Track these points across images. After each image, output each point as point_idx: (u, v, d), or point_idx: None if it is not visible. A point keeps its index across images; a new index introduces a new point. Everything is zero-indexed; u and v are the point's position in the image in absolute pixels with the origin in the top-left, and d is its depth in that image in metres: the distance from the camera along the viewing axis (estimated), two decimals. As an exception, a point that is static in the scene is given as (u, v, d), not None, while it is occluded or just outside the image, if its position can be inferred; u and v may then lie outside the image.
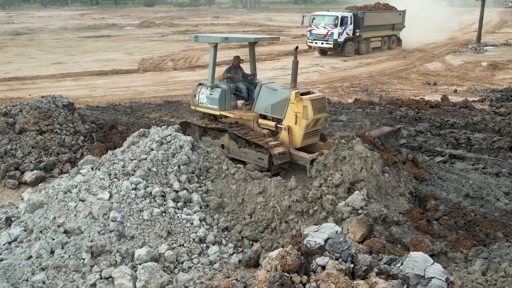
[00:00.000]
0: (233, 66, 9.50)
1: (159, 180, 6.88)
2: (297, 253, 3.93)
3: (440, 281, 3.56)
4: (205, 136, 9.33)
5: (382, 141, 7.92)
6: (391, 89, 16.87)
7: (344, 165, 6.81)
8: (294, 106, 8.09)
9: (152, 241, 6.08)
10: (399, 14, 29.81)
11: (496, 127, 10.87)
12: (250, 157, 8.51)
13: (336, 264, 3.78)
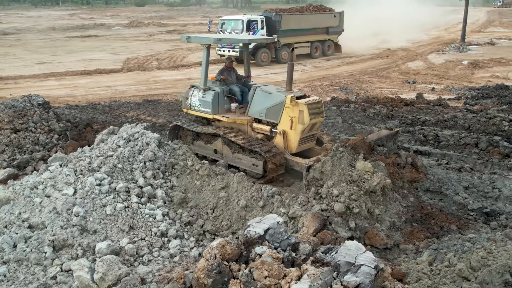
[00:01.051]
0: (226, 67, 9.23)
1: (124, 176, 7.01)
2: (236, 243, 4.10)
3: (369, 268, 3.73)
4: (197, 141, 9.05)
5: (383, 142, 7.85)
6: (370, 87, 17.09)
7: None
8: (289, 110, 7.80)
9: (114, 235, 6.22)
10: (333, 17, 26.11)
11: (466, 124, 11.11)
12: (244, 163, 8.16)
13: (273, 252, 3.95)
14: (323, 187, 6.47)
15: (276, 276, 3.69)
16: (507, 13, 74.47)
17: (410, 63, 23.39)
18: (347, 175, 6.39)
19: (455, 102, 14.65)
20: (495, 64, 23.58)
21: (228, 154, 8.43)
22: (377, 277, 3.80)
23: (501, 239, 5.68)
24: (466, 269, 4.96)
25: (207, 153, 8.87)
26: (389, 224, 6.30)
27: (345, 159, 6.59)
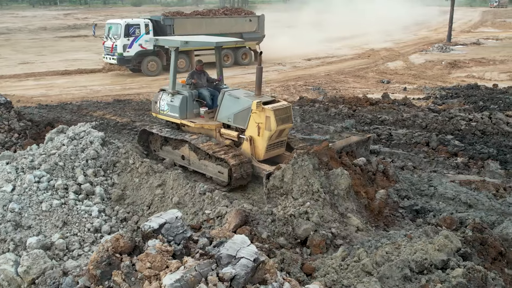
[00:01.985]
0: (196, 70, 8.97)
1: (64, 174, 7.19)
2: (130, 236, 4.27)
3: (247, 261, 3.89)
4: (165, 146, 8.75)
5: (352, 149, 7.77)
6: (344, 87, 17.27)
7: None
8: (256, 116, 7.49)
9: (48, 230, 6.40)
10: (248, 21, 23.06)
11: (423, 123, 11.28)
12: (210, 170, 7.87)
13: (163, 246, 4.12)
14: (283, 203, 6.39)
15: (158, 268, 3.86)
16: (501, 13, 74.53)
17: (390, 63, 23.55)
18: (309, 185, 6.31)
19: (424, 101, 14.81)
20: (475, 64, 23.75)
21: (194, 161, 8.13)
22: (258, 270, 3.97)
23: (418, 235, 5.84)
24: (370, 264, 5.13)
25: (175, 159, 8.50)
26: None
27: (306, 167, 6.47)
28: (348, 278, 5.04)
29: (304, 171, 6.47)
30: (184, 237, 4.38)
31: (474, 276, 4.79)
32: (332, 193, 6.58)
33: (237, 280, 3.77)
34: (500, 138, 10.52)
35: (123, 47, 19.18)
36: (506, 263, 5.59)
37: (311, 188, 6.35)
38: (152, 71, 20.17)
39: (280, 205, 6.41)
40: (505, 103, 13.73)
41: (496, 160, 8.86)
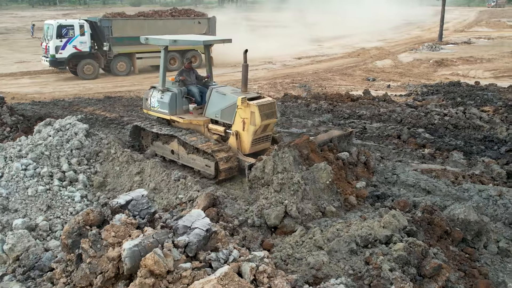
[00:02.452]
0: (185, 68, 9.23)
1: (50, 162, 7.70)
2: (99, 211, 4.78)
3: (200, 230, 4.40)
4: (156, 141, 8.97)
5: (334, 143, 8.08)
6: (329, 84, 17.76)
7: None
8: (241, 111, 7.75)
9: (33, 213, 6.91)
10: (197, 23, 22.15)
11: (399, 118, 11.78)
12: (198, 164, 8.13)
13: (128, 219, 4.62)
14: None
15: (121, 237, 4.36)
16: (498, 13, 74.75)
17: (378, 61, 24.05)
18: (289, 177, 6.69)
19: (405, 98, 15.31)
20: (462, 62, 24.25)
21: (183, 155, 8.39)
22: (211, 239, 4.47)
23: (372, 216, 6.35)
24: (322, 239, 5.64)
25: (165, 154, 8.76)
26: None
27: (287, 159, 6.87)
28: (301, 252, 5.55)
29: (285, 163, 6.87)
30: (149, 212, 4.89)
31: (415, 250, 5.29)
32: (313, 186, 6.99)
33: (190, 246, 4.27)
34: (471, 131, 11.01)
35: (55, 48, 18.42)
36: (451, 241, 6.09)
37: (291, 180, 6.74)
38: (88, 75, 19.18)
39: (261, 195, 6.83)
40: (482, 99, 14.22)
41: (461, 151, 9.36)
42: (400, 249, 5.23)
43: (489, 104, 13.60)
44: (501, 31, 45.12)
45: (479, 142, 10.16)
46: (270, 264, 4.33)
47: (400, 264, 5.10)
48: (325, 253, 5.34)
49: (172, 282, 4.01)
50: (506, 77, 19.60)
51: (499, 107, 12.94)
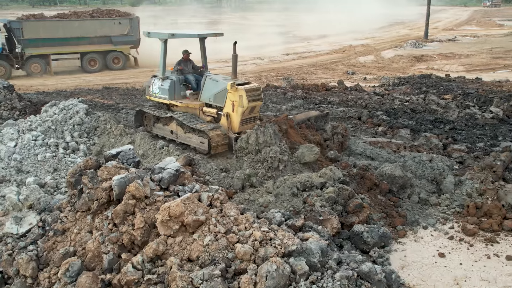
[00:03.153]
0: (182, 59, 10.20)
1: (56, 135, 9.17)
2: (96, 159, 6.25)
3: (171, 170, 5.86)
4: (157, 123, 9.98)
5: (311, 122, 9.33)
6: (311, 77, 19.22)
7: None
8: (231, 95, 8.72)
9: (42, 174, 8.38)
10: (118, 24, 21.84)
11: (364, 103, 13.25)
12: (194, 141, 9.11)
13: (118, 164, 6.09)
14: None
15: (112, 174, 5.83)
16: (492, 12, 75.92)
17: (362, 57, 25.51)
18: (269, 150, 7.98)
19: (378, 88, 16.77)
20: (441, 58, 25.70)
21: (181, 134, 9.41)
22: (179, 177, 5.94)
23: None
24: (272, 187, 7.13)
25: (165, 134, 9.79)
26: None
27: (267, 132, 8.21)
28: (255, 196, 7.03)
29: (266, 136, 8.19)
30: (134, 161, 6.36)
31: (343, 193, 6.77)
32: (296, 159, 8.23)
33: (163, 180, 5.74)
34: (426, 114, 12.49)
35: None
36: (379, 192, 7.56)
37: (270, 151, 7.97)
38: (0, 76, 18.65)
39: (245, 162, 8.15)
40: (446, 89, 15.69)
41: (410, 129, 10.82)
42: (331, 192, 6.70)
43: (450, 93, 15.06)
44: (488, 29, 46.40)
45: (429, 122, 11.63)
46: (223, 194, 5.80)
47: (330, 203, 6.58)
48: (272, 196, 6.82)
49: (148, 204, 5.48)
50: (477, 71, 21.03)
51: (457, 95, 14.40)
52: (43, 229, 5.82)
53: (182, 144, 9.41)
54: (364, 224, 6.37)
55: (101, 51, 21.34)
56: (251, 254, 4.87)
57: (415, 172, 8.25)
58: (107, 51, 21.58)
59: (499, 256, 6.23)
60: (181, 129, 9.43)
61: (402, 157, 8.79)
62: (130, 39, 22.15)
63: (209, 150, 8.82)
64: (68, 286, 4.95)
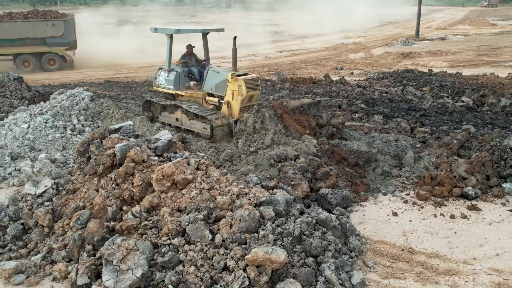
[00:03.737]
0: (187, 53, 10.99)
1: (64, 118, 10.28)
2: (101, 131, 7.35)
3: (165, 140, 6.97)
4: (163, 112, 10.87)
5: (304, 108, 10.07)
6: (301, 72, 20.32)
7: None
8: (231, 85, 9.53)
9: (52, 152, 9.48)
10: (51, 25, 21.37)
11: (345, 94, 14.36)
12: (197, 127, 9.95)
13: (120, 136, 7.20)
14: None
15: (115, 143, 6.93)
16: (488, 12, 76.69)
17: (352, 54, 26.60)
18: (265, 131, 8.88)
19: (363, 81, 17.87)
20: (429, 55, 26.78)
21: (186, 121, 10.27)
22: (172, 146, 7.05)
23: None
24: (252, 159, 8.23)
25: (171, 121, 10.69)
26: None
27: (263, 116, 9.01)
28: (237, 167, 8.13)
29: (262, 118, 9.00)
30: (134, 134, 7.47)
31: (313, 163, 7.86)
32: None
33: (158, 148, 6.84)
34: (401, 104, 13.59)
35: None
36: (347, 165, 8.65)
37: (265, 134, 8.80)
38: None
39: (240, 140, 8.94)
40: (424, 82, 16.80)
41: (384, 115, 11.93)
42: (302, 162, 7.81)
43: (428, 85, 16.16)
44: (480, 28, 47.34)
45: (403, 110, 12.74)
46: (208, 160, 6.91)
47: (301, 171, 7.68)
48: (252, 166, 7.93)
49: (145, 167, 6.58)
50: (460, 67, 22.13)
51: (434, 87, 15.51)
52: (57, 190, 6.93)
53: (186, 130, 10.22)
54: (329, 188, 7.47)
55: (35, 52, 21.27)
56: (229, 204, 5.97)
57: (381, 150, 9.34)
58: (42, 53, 21.47)
59: (444, 215, 7.33)
60: (185, 116, 10.26)
61: (371, 138, 9.89)
62: (65, 40, 21.76)
63: (211, 135, 9.67)
64: (79, 231, 6.03)
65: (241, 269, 5.09)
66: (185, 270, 5.23)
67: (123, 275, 5.11)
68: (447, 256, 6.19)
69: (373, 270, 5.84)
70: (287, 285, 5.03)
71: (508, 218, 7.30)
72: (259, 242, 5.39)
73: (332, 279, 5.29)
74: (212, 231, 5.66)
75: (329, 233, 6.01)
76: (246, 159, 8.24)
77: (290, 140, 9.07)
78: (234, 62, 9.81)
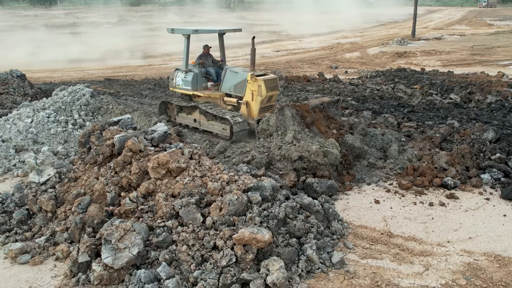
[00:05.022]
0: (203, 53, 10.86)
1: (65, 113, 10.75)
2: (101, 124, 7.82)
3: (161, 132, 7.43)
4: (181, 113, 10.75)
5: (324, 106, 9.81)
6: (297, 71, 20.78)
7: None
8: (250, 85, 9.41)
9: (54, 145, 9.95)
10: None
11: (338, 91, 14.83)
12: (216, 128, 9.82)
13: (119, 129, 7.67)
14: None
15: (114, 134, 7.40)
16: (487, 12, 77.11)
17: (348, 53, 27.07)
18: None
19: (357, 80, 18.34)
20: (424, 54, 27.23)
21: (204, 122, 10.14)
22: (167, 137, 7.51)
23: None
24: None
25: (189, 123, 10.61)
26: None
27: (286, 115, 8.75)
28: (230, 159, 8.60)
29: (285, 118, 8.69)
30: (132, 126, 7.94)
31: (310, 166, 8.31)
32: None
33: (154, 139, 7.31)
34: (391, 101, 14.05)
35: None
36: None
37: (286, 132, 8.51)
38: None
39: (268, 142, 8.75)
40: (416, 80, 17.26)
41: (373, 111, 12.38)
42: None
43: (419, 83, 16.62)
44: (477, 29, 47.75)
45: (392, 107, 13.21)
46: (201, 150, 7.38)
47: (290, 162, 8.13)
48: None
49: (142, 156, 7.05)
50: (453, 66, 22.58)
51: (425, 85, 15.98)
52: (59, 178, 7.40)
53: (205, 131, 10.17)
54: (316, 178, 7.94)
55: None
56: (219, 189, 6.44)
57: (368, 143, 9.80)
58: None
59: (424, 203, 7.79)
60: (204, 117, 10.18)
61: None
62: None
63: (231, 136, 9.59)
64: (80, 215, 6.50)
65: (229, 248, 5.55)
66: (177, 249, 5.69)
67: (120, 253, 5.56)
68: (423, 239, 6.66)
69: (353, 251, 6.30)
70: (271, 262, 5.50)
71: (484, 205, 7.75)
72: (247, 224, 5.86)
73: (313, 258, 5.76)
74: (204, 214, 6.12)
75: (312, 217, 6.49)
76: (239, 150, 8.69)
77: (312, 139, 8.74)
78: (253, 62, 9.75)
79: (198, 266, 5.49)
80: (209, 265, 5.46)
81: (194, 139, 9.56)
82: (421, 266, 5.99)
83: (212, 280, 5.26)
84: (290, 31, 38.99)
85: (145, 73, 19.87)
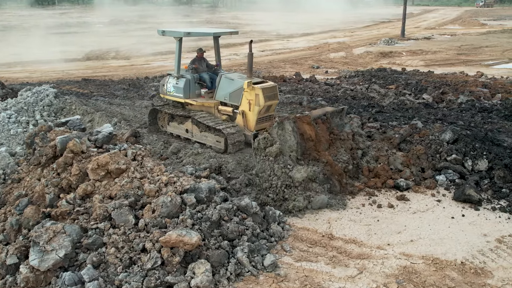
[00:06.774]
0: (197, 57, 10.17)
1: (27, 114, 10.74)
2: (48, 125, 7.79)
3: (106, 132, 7.40)
4: (172, 122, 10.02)
5: (327, 117, 8.64)
6: (278, 71, 20.75)
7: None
8: (247, 94, 8.70)
9: (13, 146, 9.94)
10: None
11: (310, 91, 14.80)
12: (210, 140, 9.13)
13: (64, 129, 7.65)
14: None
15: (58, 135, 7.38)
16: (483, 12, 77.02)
17: (333, 53, 27.03)
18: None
19: (336, 80, 18.31)
20: (409, 54, 27.19)
21: (196, 133, 9.41)
22: (112, 138, 7.49)
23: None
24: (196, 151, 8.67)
25: (180, 133, 9.89)
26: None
27: (286, 129, 7.68)
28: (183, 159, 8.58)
29: (284, 133, 7.67)
30: (80, 128, 7.93)
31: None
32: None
33: (98, 140, 7.28)
34: (363, 101, 14.02)
35: None
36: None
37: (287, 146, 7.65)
38: None
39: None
40: (392, 80, 17.24)
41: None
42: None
43: (395, 83, 16.60)
44: (469, 28, 47.71)
45: (361, 107, 13.18)
46: (145, 151, 7.36)
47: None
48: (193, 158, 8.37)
49: (85, 158, 7.02)
50: (436, 66, 22.55)
51: (400, 85, 15.95)
52: (3, 179, 7.38)
53: (197, 143, 9.48)
54: (265, 180, 7.89)
55: None
56: (155, 191, 6.41)
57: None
58: None
59: (372, 205, 7.76)
60: (196, 127, 9.47)
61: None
62: None
63: (225, 148, 8.93)
64: (17, 216, 6.48)
65: (156, 251, 5.52)
66: (106, 252, 5.66)
67: (47, 255, 5.54)
68: (363, 242, 6.62)
69: (289, 254, 6.27)
70: (197, 265, 5.47)
71: (433, 207, 7.72)
72: (178, 226, 5.83)
73: (243, 261, 5.73)
74: (137, 216, 6.10)
75: (249, 219, 6.46)
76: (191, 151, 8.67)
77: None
78: (250, 68, 9.00)
79: (125, 269, 5.47)
80: (136, 268, 5.44)
81: (150, 139, 9.54)
82: (356, 270, 5.96)
83: (135, 283, 5.24)
84: (280, 30, 38.96)
85: (125, 73, 19.86)
